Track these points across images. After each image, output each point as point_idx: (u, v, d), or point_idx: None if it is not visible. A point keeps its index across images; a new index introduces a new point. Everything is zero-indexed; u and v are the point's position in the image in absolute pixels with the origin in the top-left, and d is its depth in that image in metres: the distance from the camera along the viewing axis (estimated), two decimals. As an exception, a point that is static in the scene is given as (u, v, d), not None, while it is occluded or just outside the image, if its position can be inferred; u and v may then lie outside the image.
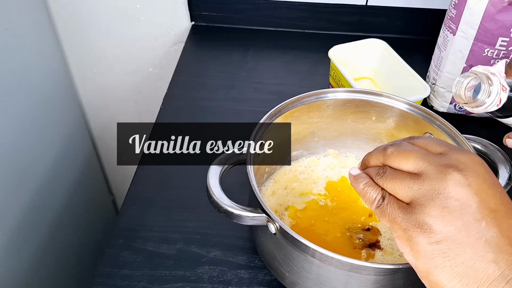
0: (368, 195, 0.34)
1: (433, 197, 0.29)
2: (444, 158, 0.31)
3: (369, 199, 0.34)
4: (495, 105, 0.40)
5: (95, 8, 0.86)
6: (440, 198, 0.29)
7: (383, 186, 0.33)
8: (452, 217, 0.29)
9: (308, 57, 0.81)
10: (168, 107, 0.71)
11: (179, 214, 0.56)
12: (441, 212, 0.29)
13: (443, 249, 0.28)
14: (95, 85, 0.98)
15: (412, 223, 0.30)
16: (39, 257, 0.82)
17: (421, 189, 0.30)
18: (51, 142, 0.87)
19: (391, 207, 0.32)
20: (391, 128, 0.54)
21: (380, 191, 0.33)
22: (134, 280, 0.49)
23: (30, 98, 0.79)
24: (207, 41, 0.84)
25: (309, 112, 0.52)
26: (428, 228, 0.29)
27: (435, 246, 0.29)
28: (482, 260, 0.28)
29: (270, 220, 0.40)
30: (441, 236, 0.29)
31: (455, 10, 0.61)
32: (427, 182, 0.30)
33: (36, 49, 0.82)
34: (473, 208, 0.29)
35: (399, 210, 0.31)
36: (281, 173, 0.56)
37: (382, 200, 0.33)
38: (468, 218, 0.28)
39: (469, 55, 0.62)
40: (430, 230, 0.29)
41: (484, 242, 0.28)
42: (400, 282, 0.40)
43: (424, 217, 0.29)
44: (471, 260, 0.28)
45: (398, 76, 0.67)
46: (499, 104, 0.40)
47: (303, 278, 0.42)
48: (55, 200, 0.88)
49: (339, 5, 0.82)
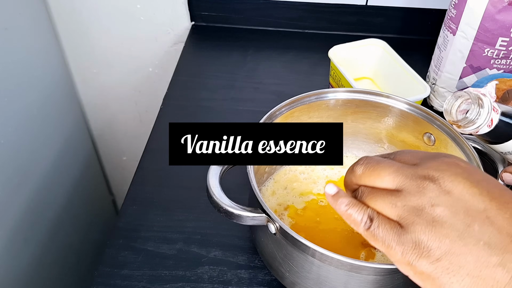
0: (353, 217, 0.30)
1: (419, 213, 0.28)
2: (418, 169, 0.29)
3: (354, 222, 0.30)
4: (487, 126, 0.40)
5: (95, 8, 0.86)
6: (426, 213, 0.28)
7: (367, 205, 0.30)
8: (444, 229, 0.27)
9: (308, 57, 0.81)
10: (168, 107, 0.71)
11: (179, 214, 0.56)
12: (432, 227, 0.27)
13: (445, 266, 0.27)
14: (95, 85, 0.98)
15: (407, 245, 0.28)
16: (39, 257, 0.82)
17: (406, 206, 0.28)
18: (51, 142, 0.87)
19: (382, 230, 0.29)
20: (391, 128, 0.54)
21: (366, 211, 0.30)
22: (134, 280, 0.49)
23: (30, 98, 0.79)
24: (207, 41, 0.84)
25: (309, 112, 0.52)
26: (424, 247, 0.27)
27: (437, 264, 0.27)
28: (487, 266, 0.26)
29: (270, 220, 0.40)
30: (440, 252, 0.27)
31: (455, 10, 0.61)
32: (408, 198, 0.28)
33: (36, 49, 0.82)
34: (461, 213, 0.27)
35: (391, 232, 0.28)
36: (281, 173, 0.56)
37: (370, 222, 0.29)
38: (459, 226, 0.27)
39: (469, 55, 0.62)
40: (428, 249, 0.27)
41: (483, 246, 0.26)
42: (400, 282, 0.40)
43: (417, 236, 0.27)
44: (475, 269, 0.26)
45: (398, 76, 0.67)
46: (491, 125, 0.40)
47: (303, 278, 0.42)
48: (55, 200, 0.88)
49: (339, 5, 0.82)
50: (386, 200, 0.29)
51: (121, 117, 1.04)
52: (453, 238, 0.27)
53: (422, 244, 0.27)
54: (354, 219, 0.30)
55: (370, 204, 0.30)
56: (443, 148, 0.49)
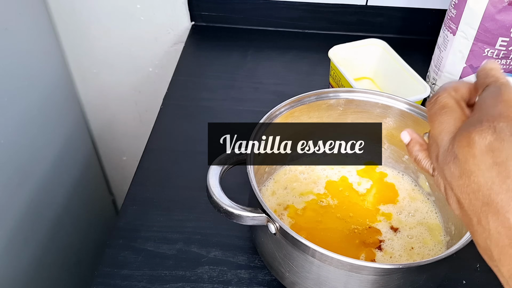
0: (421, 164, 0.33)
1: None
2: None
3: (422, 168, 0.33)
4: None
5: (95, 8, 0.86)
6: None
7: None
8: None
9: (308, 57, 0.81)
10: (168, 107, 0.71)
11: (179, 214, 0.56)
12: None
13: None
14: (95, 85, 0.98)
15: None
16: (39, 257, 0.82)
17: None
18: (51, 142, 0.87)
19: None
20: (391, 128, 0.54)
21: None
22: (134, 280, 0.49)
23: (30, 98, 0.79)
24: (207, 41, 0.84)
25: (309, 112, 0.52)
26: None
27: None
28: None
29: (270, 220, 0.40)
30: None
31: (455, 10, 0.61)
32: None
33: (36, 49, 0.82)
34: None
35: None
36: (281, 173, 0.56)
37: (433, 171, 0.31)
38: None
39: (469, 55, 0.62)
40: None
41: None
42: (400, 282, 0.40)
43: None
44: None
45: (398, 76, 0.67)
46: None
47: (303, 278, 0.42)
48: (55, 200, 0.88)
49: (339, 5, 0.82)
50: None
51: (121, 117, 1.04)
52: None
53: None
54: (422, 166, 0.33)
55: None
56: (443, 148, 0.49)
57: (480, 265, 0.51)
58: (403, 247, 0.49)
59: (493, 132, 0.25)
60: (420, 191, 0.54)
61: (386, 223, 0.51)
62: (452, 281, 0.50)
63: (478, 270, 0.51)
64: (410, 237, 0.50)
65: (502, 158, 0.25)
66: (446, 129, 0.29)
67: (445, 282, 0.50)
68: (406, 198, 0.54)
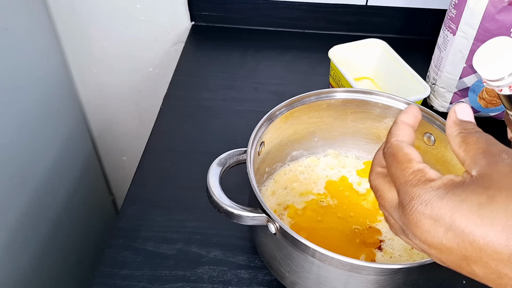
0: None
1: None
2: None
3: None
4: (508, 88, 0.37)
5: (95, 8, 0.86)
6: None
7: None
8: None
9: (308, 57, 0.81)
10: (168, 107, 0.71)
11: (179, 214, 0.56)
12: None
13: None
14: (95, 85, 0.98)
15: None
16: (39, 257, 0.82)
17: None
18: (51, 142, 0.87)
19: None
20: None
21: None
22: (134, 280, 0.49)
23: (30, 98, 0.79)
24: (207, 41, 0.85)
25: (309, 112, 0.52)
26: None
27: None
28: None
29: (270, 220, 0.40)
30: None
31: (455, 10, 0.61)
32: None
33: (36, 49, 0.82)
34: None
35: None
36: (281, 173, 0.56)
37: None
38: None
39: (469, 55, 0.62)
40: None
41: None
42: (400, 282, 0.40)
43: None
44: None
45: (398, 76, 0.67)
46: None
47: (303, 278, 0.42)
48: (55, 200, 0.88)
49: (339, 5, 0.82)
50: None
51: (121, 117, 1.04)
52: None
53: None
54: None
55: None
56: (443, 148, 0.49)
57: (480, 265, 0.51)
58: (403, 247, 0.49)
59: (425, 205, 0.27)
60: (420, 191, 0.54)
61: (386, 223, 0.51)
62: (452, 281, 0.50)
63: (478, 270, 0.51)
64: (410, 237, 0.50)
65: (449, 222, 0.25)
66: (389, 206, 0.31)
67: (445, 282, 0.50)
68: (406, 198, 0.54)
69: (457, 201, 0.25)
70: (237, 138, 0.65)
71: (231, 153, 0.46)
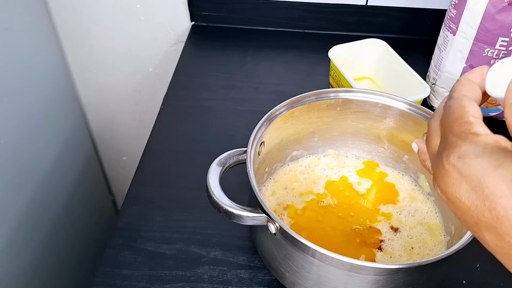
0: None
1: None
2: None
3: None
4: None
5: (95, 8, 0.86)
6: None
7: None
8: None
9: (308, 57, 0.81)
10: (168, 107, 0.71)
11: (179, 214, 0.56)
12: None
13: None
14: (95, 85, 0.98)
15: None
16: (39, 257, 0.82)
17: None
18: (51, 142, 0.87)
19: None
20: (391, 128, 0.54)
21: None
22: (134, 280, 0.49)
23: (30, 98, 0.79)
24: (207, 41, 0.84)
25: (309, 112, 0.52)
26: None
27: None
28: None
29: (270, 220, 0.40)
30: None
31: (455, 10, 0.61)
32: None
33: (36, 49, 0.82)
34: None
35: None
36: (281, 173, 0.56)
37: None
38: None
39: (469, 55, 0.62)
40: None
41: None
42: (400, 282, 0.40)
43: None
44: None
45: (398, 76, 0.67)
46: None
47: (303, 278, 0.42)
48: (55, 200, 0.88)
49: (339, 5, 0.82)
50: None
51: (121, 117, 1.04)
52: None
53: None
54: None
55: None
56: (443, 148, 0.49)
57: (480, 265, 0.51)
58: (403, 247, 0.49)
59: (458, 158, 0.26)
60: (420, 191, 0.54)
61: (386, 223, 0.51)
62: (452, 281, 0.50)
63: (478, 270, 0.51)
64: (410, 237, 0.50)
65: (475, 183, 0.25)
66: (431, 150, 0.31)
67: (445, 282, 0.50)
68: (406, 198, 0.54)
69: (493, 165, 0.25)
70: (237, 138, 0.65)
71: (231, 153, 0.46)
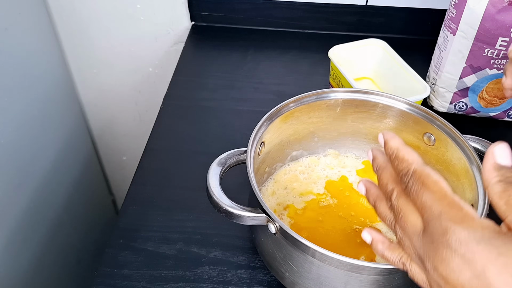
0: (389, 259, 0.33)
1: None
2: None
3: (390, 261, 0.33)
4: None
5: (95, 8, 0.86)
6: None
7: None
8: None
9: (308, 57, 0.81)
10: (168, 107, 0.71)
11: (179, 214, 0.56)
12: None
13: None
14: (95, 85, 0.98)
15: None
16: (39, 257, 0.82)
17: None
18: (51, 142, 0.87)
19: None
20: (391, 128, 0.54)
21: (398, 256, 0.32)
22: (134, 280, 0.49)
23: (30, 98, 0.79)
24: (207, 41, 0.84)
25: (309, 112, 0.52)
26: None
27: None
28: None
29: (270, 220, 0.40)
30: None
31: (455, 10, 0.61)
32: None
33: (36, 49, 0.82)
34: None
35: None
36: (281, 173, 0.56)
37: (403, 266, 0.32)
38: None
39: (469, 55, 0.62)
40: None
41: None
42: (400, 282, 0.40)
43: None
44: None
45: (398, 76, 0.67)
46: None
47: (303, 278, 0.42)
48: (55, 200, 0.88)
49: (339, 5, 0.82)
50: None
51: (121, 117, 1.04)
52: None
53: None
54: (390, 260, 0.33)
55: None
56: (443, 148, 0.49)
57: (480, 265, 0.51)
58: (403, 247, 0.49)
59: (459, 244, 0.26)
60: (420, 191, 0.54)
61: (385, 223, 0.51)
62: (452, 281, 0.50)
63: (478, 270, 0.51)
64: (410, 237, 0.50)
65: (479, 271, 0.25)
66: (412, 230, 0.30)
67: (445, 282, 0.50)
68: (406, 198, 0.54)
69: (495, 253, 0.25)
70: (237, 138, 0.65)
71: (231, 153, 0.46)
